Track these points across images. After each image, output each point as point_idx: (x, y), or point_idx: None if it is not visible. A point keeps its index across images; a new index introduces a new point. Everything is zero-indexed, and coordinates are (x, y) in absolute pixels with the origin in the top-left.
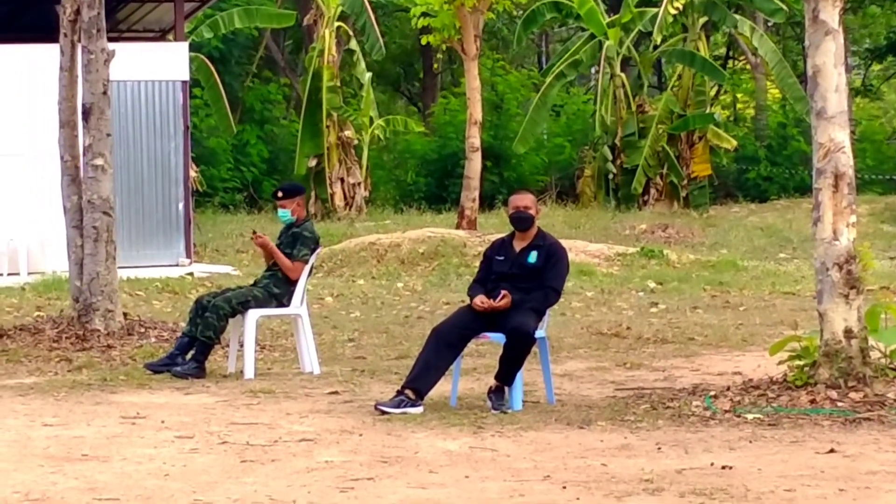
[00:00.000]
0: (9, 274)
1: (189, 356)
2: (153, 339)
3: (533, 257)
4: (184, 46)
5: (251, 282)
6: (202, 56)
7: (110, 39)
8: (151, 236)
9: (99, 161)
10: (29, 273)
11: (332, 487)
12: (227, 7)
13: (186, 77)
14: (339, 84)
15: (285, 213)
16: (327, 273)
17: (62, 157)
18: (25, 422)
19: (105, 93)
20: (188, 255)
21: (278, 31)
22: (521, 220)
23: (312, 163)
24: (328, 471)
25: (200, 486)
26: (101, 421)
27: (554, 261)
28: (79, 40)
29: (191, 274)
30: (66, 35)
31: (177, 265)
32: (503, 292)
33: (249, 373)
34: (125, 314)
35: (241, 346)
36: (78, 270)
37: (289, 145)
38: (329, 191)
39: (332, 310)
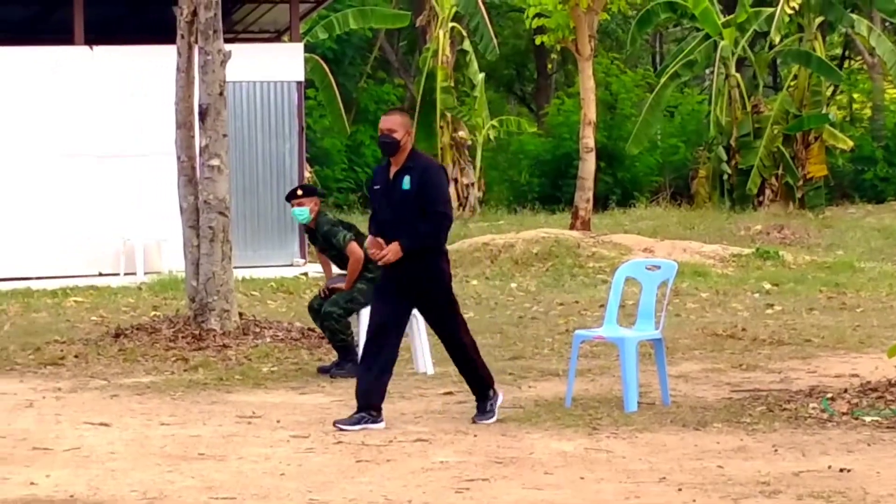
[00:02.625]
0: (126, 274)
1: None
2: (268, 339)
3: (406, 182)
4: (299, 47)
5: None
6: (317, 57)
7: (226, 41)
8: (266, 236)
9: (215, 161)
10: (145, 273)
11: (447, 488)
12: (341, 8)
13: (301, 78)
14: (452, 85)
15: (304, 212)
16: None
17: (179, 158)
18: (143, 421)
19: (221, 94)
20: (303, 256)
21: (392, 31)
22: (386, 146)
23: None
24: (443, 471)
25: (316, 485)
26: (217, 420)
27: (428, 184)
28: (196, 41)
29: (305, 274)
30: (182, 36)
31: (291, 265)
32: (385, 249)
33: None
34: (240, 314)
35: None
36: (194, 270)
37: None
38: None
39: None
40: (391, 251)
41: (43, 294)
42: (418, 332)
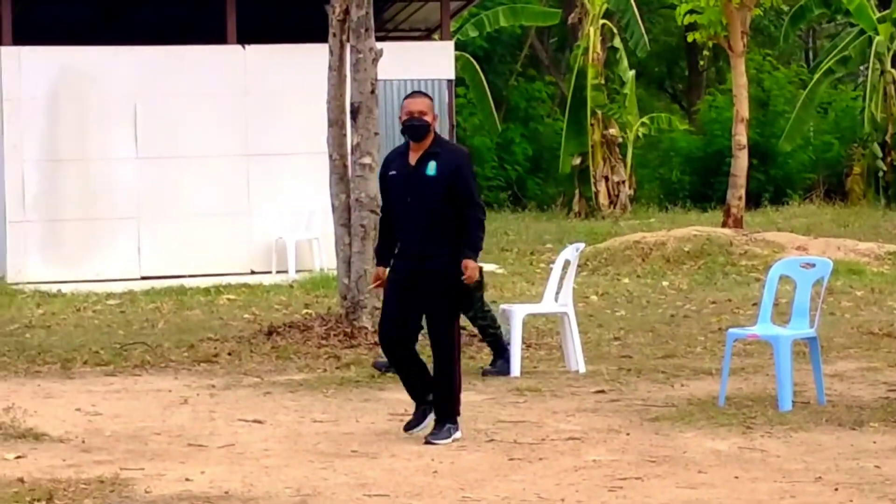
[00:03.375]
0: (277, 271)
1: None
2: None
3: (431, 168)
4: (449, 45)
5: (513, 280)
6: (467, 55)
7: (377, 39)
8: None
9: (366, 160)
10: (297, 271)
11: (600, 486)
12: (492, 5)
13: (452, 76)
14: (603, 82)
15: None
16: (592, 271)
17: (330, 156)
18: (296, 418)
19: (373, 92)
20: None
21: (543, 28)
22: (416, 129)
23: (577, 161)
24: (596, 470)
25: (469, 483)
26: (369, 417)
27: (463, 174)
28: (347, 40)
29: None
30: (334, 35)
31: None
32: (467, 273)
33: (516, 371)
34: None
35: (508, 344)
36: (346, 268)
37: (553, 143)
38: (593, 189)
39: (597, 308)
40: (472, 269)
41: (196, 292)
42: (570, 329)
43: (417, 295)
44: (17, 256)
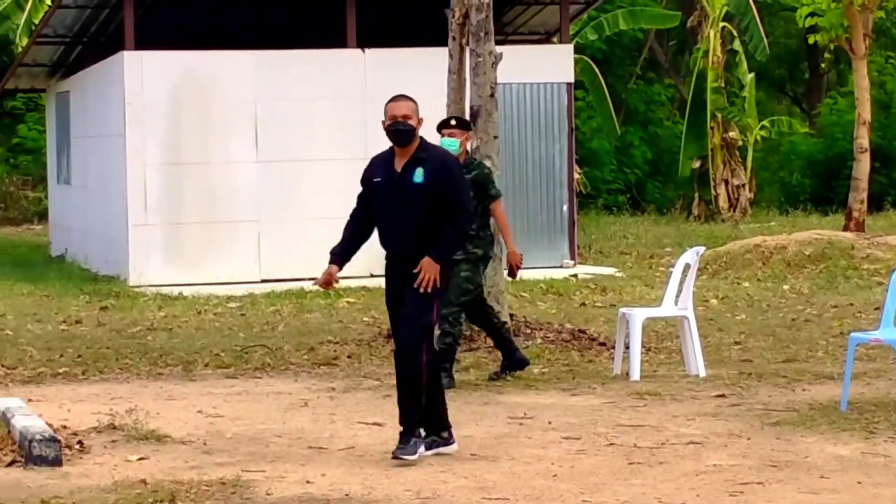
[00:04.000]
0: None
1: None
2: (539, 341)
3: (418, 175)
4: (568, 49)
5: (633, 284)
6: (586, 58)
7: (496, 42)
8: (536, 238)
9: (486, 163)
10: None
11: (721, 491)
12: (611, 9)
13: (571, 79)
14: (723, 85)
15: (454, 143)
16: (712, 275)
17: None
18: None
19: (492, 95)
20: (572, 257)
21: (662, 31)
22: (401, 134)
23: (696, 164)
24: (717, 474)
25: (588, 487)
26: (489, 421)
27: (451, 180)
28: (467, 43)
29: (575, 275)
30: (454, 38)
31: (561, 267)
32: (423, 276)
33: (635, 374)
34: (511, 315)
35: (627, 347)
36: None
37: (672, 147)
38: (713, 192)
39: (716, 312)
40: (430, 271)
41: (316, 295)
42: (690, 333)
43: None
44: (139, 259)
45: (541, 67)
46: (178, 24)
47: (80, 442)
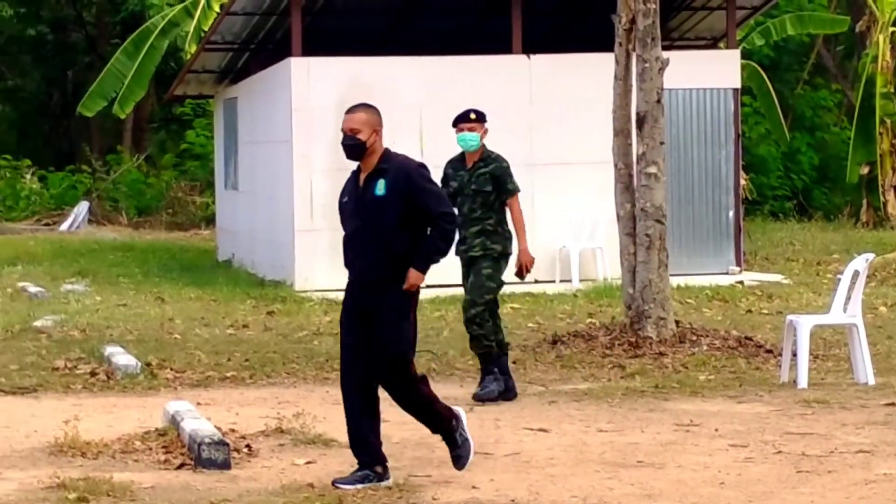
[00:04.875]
0: (561, 281)
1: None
2: (705, 347)
3: (380, 187)
4: (735, 54)
5: (799, 291)
6: (753, 63)
7: (663, 48)
8: (701, 244)
9: (652, 169)
10: (580, 280)
11: (891, 501)
12: (778, 14)
13: (738, 85)
14: (892, 90)
15: (474, 138)
16: (880, 282)
17: (616, 165)
18: (581, 427)
19: (659, 101)
20: (738, 264)
21: (829, 36)
22: (350, 150)
23: (865, 170)
24: (887, 483)
25: (755, 495)
26: (654, 428)
27: (416, 187)
28: (633, 49)
29: (741, 282)
30: (620, 44)
31: (727, 273)
32: (408, 283)
33: (803, 382)
34: (677, 322)
35: (794, 355)
36: (630, 278)
37: (840, 152)
38: (882, 199)
39: (886, 320)
40: (414, 281)
41: None
42: (859, 340)
43: (371, 327)
44: (305, 265)
45: (707, 73)
46: (345, 30)
47: (248, 445)
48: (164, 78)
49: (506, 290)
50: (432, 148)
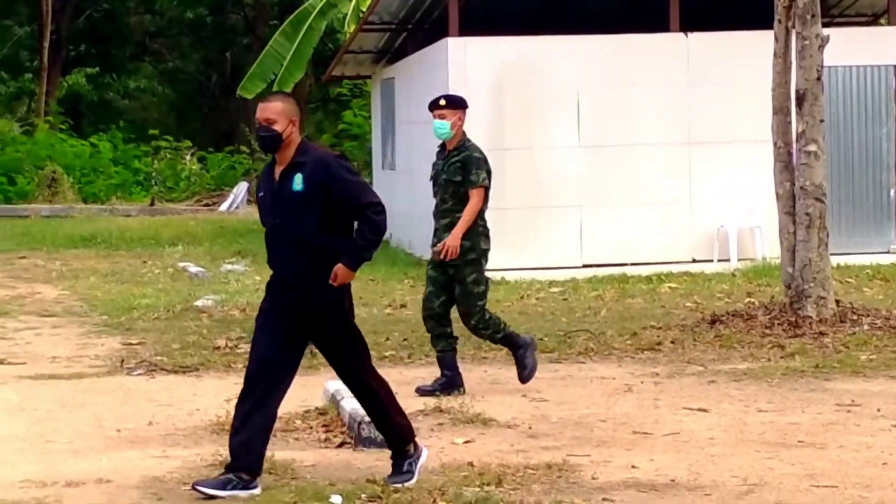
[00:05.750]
0: (719, 260)
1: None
2: (866, 327)
3: (297, 181)
4: (895, 31)
5: None
6: None
7: (822, 25)
8: (861, 223)
9: (812, 147)
10: (739, 259)
11: None
12: None
13: None
14: None
15: (444, 125)
16: None
17: (775, 144)
18: (741, 407)
19: (819, 79)
20: None
21: None
22: (265, 141)
23: None
24: None
25: None
26: (815, 408)
27: (335, 179)
28: (793, 26)
29: None
30: (780, 21)
31: (888, 252)
32: (333, 278)
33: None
34: (837, 301)
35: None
36: (790, 257)
37: None
38: None
39: None
40: (344, 278)
41: (638, 280)
42: None
43: (299, 333)
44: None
45: (867, 50)
46: (501, 10)
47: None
48: (321, 59)
49: (663, 269)
50: (589, 127)
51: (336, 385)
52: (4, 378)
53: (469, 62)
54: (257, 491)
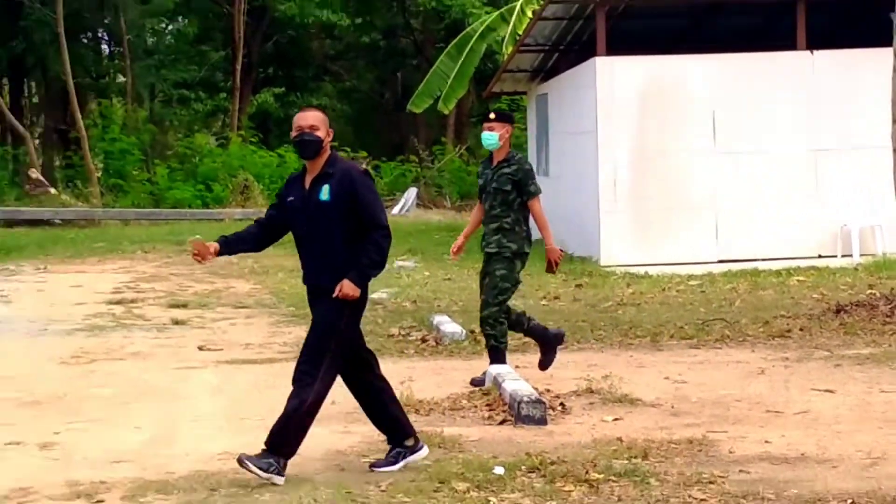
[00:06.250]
0: (842, 256)
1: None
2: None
3: (324, 192)
4: None
5: None
6: None
7: None
8: None
9: None
10: (861, 255)
11: None
12: None
13: None
14: None
15: (492, 137)
16: None
17: (894, 150)
18: (864, 388)
19: None
20: None
21: None
22: (305, 146)
23: None
24: None
25: None
26: None
27: (359, 194)
28: None
29: None
30: None
31: None
32: (339, 291)
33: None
34: None
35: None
36: None
37: None
38: None
39: None
40: (348, 292)
41: (769, 274)
42: None
43: None
44: (609, 242)
45: None
46: (644, 31)
47: (562, 404)
48: (482, 77)
49: (792, 264)
50: (724, 140)
51: (498, 369)
52: (205, 363)
53: (615, 79)
54: (425, 451)
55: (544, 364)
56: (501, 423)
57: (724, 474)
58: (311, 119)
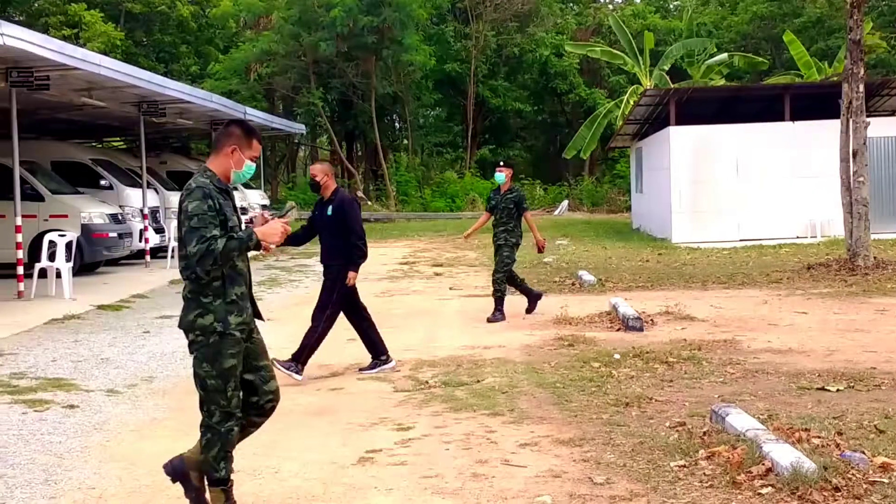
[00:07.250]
0: (811, 237)
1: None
2: (889, 270)
3: (329, 210)
4: None
5: None
6: None
7: (866, 116)
8: (889, 216)
9: (861, 178)
10: (822, 236)
11: None
12: None
13: None
14: None
15: (501, 175)
16: None
17: (841, 178)
18: (824, 311)
19: (864, 143)
20: None
21: None
22: (312, 186)
23: None
24: None
25: None
26: (864, 313)
27: (343, 213)
28: (851, 116)
29: None
30: (844, 114)
31: None
32: (350, 281)
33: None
34: (874, 258)
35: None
36: (849, 235)
37: None
38: None
39: None
40: (351, 279)
41: (768, 247)
42: None
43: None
44: (677, 229)
45: (893, 128)
46: (699, 109)
47: (651, 319)
48: (604, 137)
49: (782, 241)
50: (742, 173)
51: (615, 300)
52: (454, 296)
53: (680, 138)
54: (393, 362)
55: (530, 310)
56: (617, 330)
57: (744, 359)
58: (313, 171)
